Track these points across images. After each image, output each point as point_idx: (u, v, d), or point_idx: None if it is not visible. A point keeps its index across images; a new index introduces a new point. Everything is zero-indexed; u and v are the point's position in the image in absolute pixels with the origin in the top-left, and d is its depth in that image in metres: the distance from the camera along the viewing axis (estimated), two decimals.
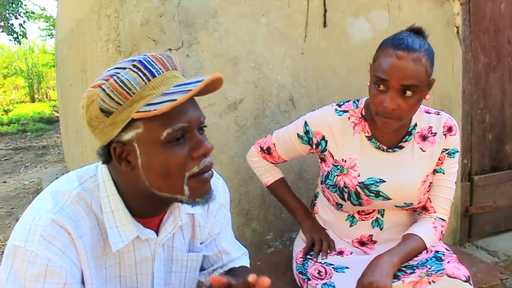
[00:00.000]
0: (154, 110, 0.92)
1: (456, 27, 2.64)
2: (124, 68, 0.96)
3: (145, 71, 0.95)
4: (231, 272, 1.33)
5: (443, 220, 1.61)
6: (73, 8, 3.59)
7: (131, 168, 0.99)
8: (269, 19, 2.13)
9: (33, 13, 16.69)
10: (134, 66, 0.95)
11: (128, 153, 0.98)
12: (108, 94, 0.94)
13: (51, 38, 18.77)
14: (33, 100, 20.12)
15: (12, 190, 5.53)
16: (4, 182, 6.11)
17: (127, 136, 0.96)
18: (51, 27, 17.94)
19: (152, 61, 0.97)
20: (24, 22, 14.77)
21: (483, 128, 2.92)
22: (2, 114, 13.82)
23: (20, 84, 21.55)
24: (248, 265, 1.41)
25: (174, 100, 0.91)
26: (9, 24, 14.28)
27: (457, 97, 2.69)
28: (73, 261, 0.98)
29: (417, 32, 1.49)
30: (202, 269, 1.33)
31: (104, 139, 0.99)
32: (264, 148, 1.82)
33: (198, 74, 1.99)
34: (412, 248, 1.50)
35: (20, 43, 15.50)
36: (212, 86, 0.99)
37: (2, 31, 14.22)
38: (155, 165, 0.97)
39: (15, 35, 14.49)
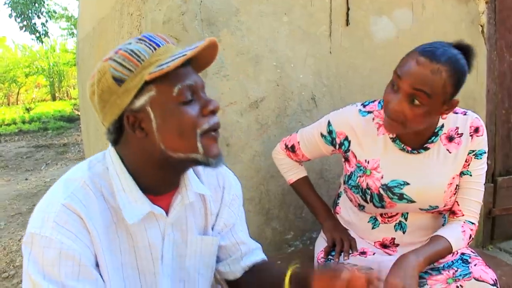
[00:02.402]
0: (167, 67, 0.97)
1: (481, 25, 2.59)
2: (130, 43, 1.03)
3: (151, 43, 1.02)
4: (257, 268, 1.32)
5: (472, 223, 1.56)
6: (95, 7, 3.62)
7: (145, 134, 1.03)
8: (291, 18, 2.12)
9: (55, 12, 16.91)
10: (140, 39, 1.03)
11: (141, 120, 1.02)
12: (119, 63, 1.00)
13: (72, 37, 19.03)
14: (54, 98, 20.44)
15: (34, 187, 5.61)
16: (26, 179, 6.21)
17: (139, 102, 1.01)
18: (72, 27, 18.19)
19: (155, 36, 1.05)
20: (46, 21, 14.95)
21: (507, 128, 2.87)
22: (24, 112, 14.06)
23: (42, 82, 21.91)
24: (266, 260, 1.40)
25: (185, 55, 0.98)
26: (31, 24, 14.47)
27: (481, 96, 2.64)
28: (86, 244, 1.01)
29: (463, 49, 1.42)
30: (220, 260, 1.32)
31: (116, 111, 1.02)
32: (289, 146, 1.82)
33: (220, 73, 1.99)
34: (438, 250, 1.45)
35: (42, 42, 15.72)
36: (211, 54, 1.08)
37: (25, 31, 14.43)
38: (170, 125, 1.01)
39: (37, 35, 14.69)
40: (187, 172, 1.15)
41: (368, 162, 1.59)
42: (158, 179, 1.10)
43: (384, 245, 1.66)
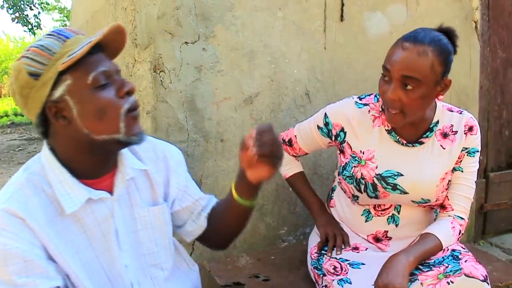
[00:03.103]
0: (77, 54, 1.03)
1: (474, 21, 2.61)
2: (40, 39, 1.09)
3: (59, 36, 1.09)
4: (214, 209, 1.41)
5: (462, 218, 1.58)
6: (88, 0, 3.60)
7: (68, 122, 1.08)
8: (286, 13, 2.12)
9: (47, 4, 16.78)
10: (49, 34, 1.09)
11: (62, 109, 1.08)
12: (32, 59, 1.06)
13: None
14: None
15: None
16: None
17: (58, 92, 1.06)
18: (65, 18, 18.05)
19: (63, 29, 1.12)
20: (39, 13, 14.83)
21: (499, 124, 2.89)
22: (16, 105, 13.95)
23: None
24: None
25: (91, 41, 1.05)
26: (24, 15, 14.36)
27: (474, 92, 2.66)
28: (29, 241, 1.05)
29: (445, 32, 1.47)
30: (185, 222, 1.39)
31: (38, 104, 1.07)
32: (286, 140, 1.84)
33: (215, 68, 1.99)
34: (428, 248, 1.47)
35: (34, 34, 15.59)
36: (120, 39, 1.14)
37: (17, 22, 14.31)
38: (89, 110, 1.07)
39: (29, 26, 14.57)
40: (122, 152, 1.21)
41: (363, 153, 1.61)
42: (93, 163, 1.16)
43: (377, 239, 1.67)
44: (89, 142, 1.10)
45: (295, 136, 1.81)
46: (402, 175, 1.56)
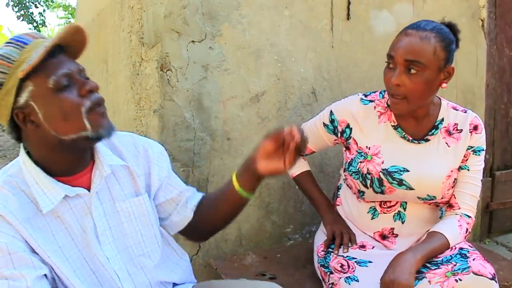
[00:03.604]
0: (35, 60, 1.04)
1: (481, 20, 2.59)
2: (0, 48, 1.10)
3: (17, 43, 1.10)
4: (202, 202, 1.42)
5: (469, 217, 1.59)
6: None
7: (36, 126, 1.11)
8: (292, 12, 2.12)
9: (52, 1, 16.79)
10: (7, 42, 1.11)
11: (29, 114, 1.10)
12: None
13: None
14: None
15: None
16: None
17: (22, 99, 1.09)
18: (70, 16, 18.06)
19: (22, 35, 1.13)
20: (44, 11, 14.86)
21: (506, 123, 2.88)
22: None
23: None
24: None
25: (46, 46, 1.06)
26: (29, 13, 14.40)
27: (481, 91, 2.65)
28: (11, 235, 1.08)
29: (447, 26, 1.51)
30: (170, 213, 1.40)
31: (6, 111, 1.10)
32: None
33: (221, 67, 1.99)
34: (435, 246, 1.48)
35: (39, 32, 15.66)
36: (81, 39, 1.15)
37: (22, 20, 14.36)
38: (53, 112, 1.10)
39: (35, 24, 14.61)
40: (98, 148, 1.23)
41: (369, 148, 1.62)
42: (67, 161, 1.19)
43: (383, 236, 1.68)
44: (58, 142, 1.13)
45: None
46: (408, 170, 1.57)
